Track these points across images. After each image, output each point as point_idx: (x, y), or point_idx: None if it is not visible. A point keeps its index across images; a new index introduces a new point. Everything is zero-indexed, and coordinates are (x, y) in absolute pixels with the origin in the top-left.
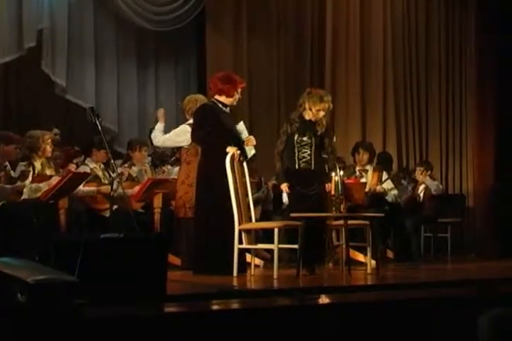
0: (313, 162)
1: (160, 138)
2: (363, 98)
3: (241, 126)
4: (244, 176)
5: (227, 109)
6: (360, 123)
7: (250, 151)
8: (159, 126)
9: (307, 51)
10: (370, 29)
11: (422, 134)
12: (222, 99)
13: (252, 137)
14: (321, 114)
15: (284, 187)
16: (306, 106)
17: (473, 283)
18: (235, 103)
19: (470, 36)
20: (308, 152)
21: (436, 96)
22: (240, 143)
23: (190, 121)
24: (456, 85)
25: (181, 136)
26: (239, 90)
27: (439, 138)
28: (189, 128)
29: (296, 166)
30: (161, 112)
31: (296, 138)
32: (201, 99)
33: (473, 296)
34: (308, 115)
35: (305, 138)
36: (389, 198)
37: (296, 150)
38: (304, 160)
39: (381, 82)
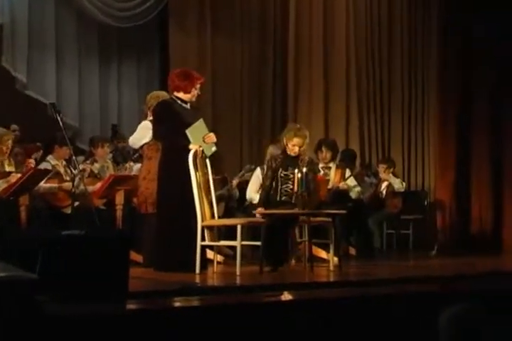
0: (294, 196)
1: (132, 141)
2: (326, 94)
3: (199, 124)
4: (207, 173)
5: (188, 105)
6: (322, 120)
7: (211, 149)
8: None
9: (270, 48)
10: (334, 26)
11: (384, 131)
12: (181, 95)
13: (211, 134)
14: (297, 149)
15: (260, 211)
16: (284, 141)
17: (435, 279)
18: (193, 99)
19: (432, 35)
20: (291, 186)
21: (398, 93)
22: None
23: (151, 117)
24: (419, 83)
25: (141, 132)
26: (197, 86)
27: (401, 135)
28: (150, 125)
29: (278, 198)
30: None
31: (280, 172)
32: (163, 95)
33: (435, 293)
34: (288, 150)
35: (288, 173)
36: (352, 195)
37: (279, 184)
38: (285, 193)
39: (344, 79)
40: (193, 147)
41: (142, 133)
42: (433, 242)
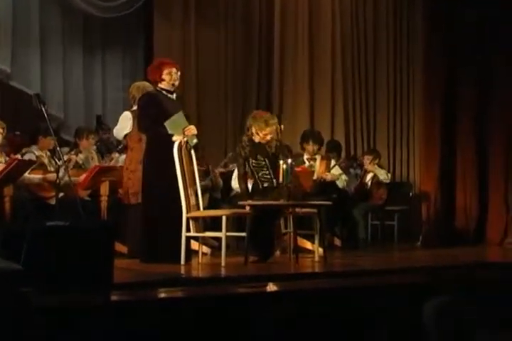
0: (274, 180)
1: (116, 132)
2: (311, 85)
3: (177, 117)
4: (192, 164)
5: (173, 96)
6: (308, 111)
7: (192, 141)
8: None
9: (255, 39)
10: (319, 15)
11: (369, 122)
12: (162, 85)
13: (191, 126)
14: (268, 138)
15: (246, 203)
16: (253, 130)
17: (419, 270)
18: (174, 85)
19: (417, 25)
20: (267, 172)
21: (384, 84)
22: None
23: (134, 108)
24: (404, 73)
25: (122, 123)
26: (172, 71)
27: (387, 126)
28: (130, 115)
29: (260, 186)
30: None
31: (250, 161)
32: (146, 86)
33: (419, 284)
34: (256, 138)
35: (259, 161)
36: (339, 183)
37: (255, 173)
38: (265, 180)
39: (329, 69)
40: (177, 138)
41: (123, 124)
42: (418, 233)
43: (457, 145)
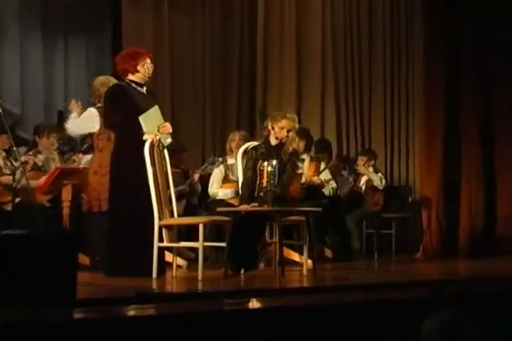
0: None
1: (71, 129)
2: (299, 77)
3: (153, 112)
4: (166, 166)
5: (144, 89)
6: (294, 106)
7: (165, 140)
8: (74, 115)
9: (236, 26)
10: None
11: (364, 119)
12: (132, 77)
13: (167, 124)
14: (284, 132)
15: (245, 207)
16: (269, 126)
17: (420, 285)
18: (147, 76)
19: (416, 15)
20: (272, 180)
21: (380, 77)
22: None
23: (99, 104)
24: (403, 65)
25: (87, 122)
26: (146, 62)
27: (383, 123)
28: (97, 112)
29: (255, 194)
30: (73, 105)
31: (259, 165)
32: (111, 80)
33: (420, 299)
34: (273, 138)
35: (268, 167)
36: (326, 191)
37: (258, 178)
38: (263, 190)
39: (319, 60)
40: (149, 136)
41: (89, 123)
42: (418, 243)
43: (462, 145)
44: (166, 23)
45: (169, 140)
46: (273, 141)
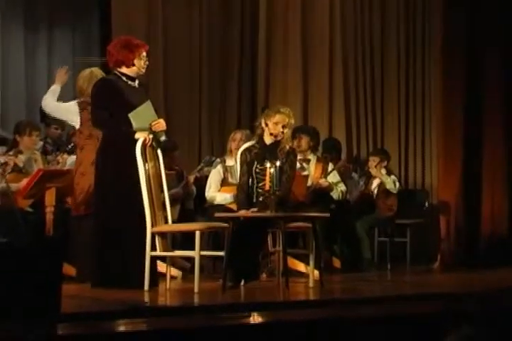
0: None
1: (50, 102)
2: (305, 72)
3: (145, 108)
4: (159, 167)
5: (135, 83)
6: (300, 104)
7: (160, 137)
8: (55, 88)
9: (237, 14)
10: None
11: (376, 117)
12: (125, 70)
13: (161, 120)
14: (279, 128)
15: (245, 213)
16: (263, 123)
17: (437, 297)
18: (142, 71)
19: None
20: (270, 183)
21: (393, 70)
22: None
23: (83, 99)
24: (418, 53)
25: (65, 112)
26: (143, 55)
27: (397, 120)
28: (77, 108)
29: (254, 200)
30: (61, 72)
31: (254, 167)
32: (98, 74)
33: (438, 314)
34: (267, 136)
35: (271, 169)
36: (334, 195)
37: (255, 182)
38: (262, 193)
39: (327, 53)
40: (141, 135)
41: (66, 114)
42: (435, 252)
43: (484, 144)
44: (159, 10)
45: (163, 138)
46: (268, 140)
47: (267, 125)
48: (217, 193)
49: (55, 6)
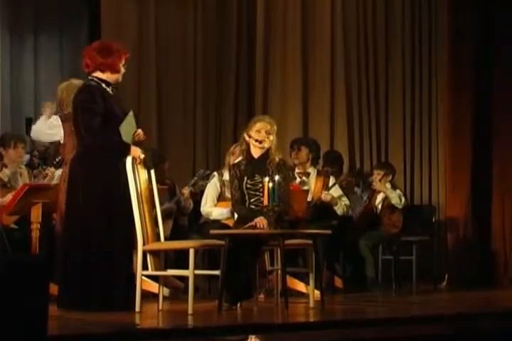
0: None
1: (37, 130)
2: (305, 80)
3: (130, 119)
4: (151, 181)
5: (110, 89)
6: (300, 115)
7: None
8: (44, 118)
9: (233, 16)
10: None
11: (380, 128)
12: (106, 76)
13: (139, 131)
14: (263, 134)
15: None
16: (246, 137)
17: (444, 319)
18: (120, 79)
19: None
20: (262, 199)
21: (398, 78)
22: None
23: (66, 112)
24: (424, 61)
25: (51, 131)
26: (123, 62)
27: (403, 132)
28: (59, 120)
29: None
30: (47, 106)
31: (245, 182)
32: (76, 83)
33: (445, 336)
34: (254, 149)
35: (255, 182)
36: (339, 210)
37: (246, 198)
38: (256, 209)
39: (329, 60)
40: (134, 153)
41: (52, 132)
42: (443, 271)
43: (493, 158)
44: (151, 12)
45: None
46: (255, 153)
47: (250, 136)
48: (213, 208)
49: (41, 7)
